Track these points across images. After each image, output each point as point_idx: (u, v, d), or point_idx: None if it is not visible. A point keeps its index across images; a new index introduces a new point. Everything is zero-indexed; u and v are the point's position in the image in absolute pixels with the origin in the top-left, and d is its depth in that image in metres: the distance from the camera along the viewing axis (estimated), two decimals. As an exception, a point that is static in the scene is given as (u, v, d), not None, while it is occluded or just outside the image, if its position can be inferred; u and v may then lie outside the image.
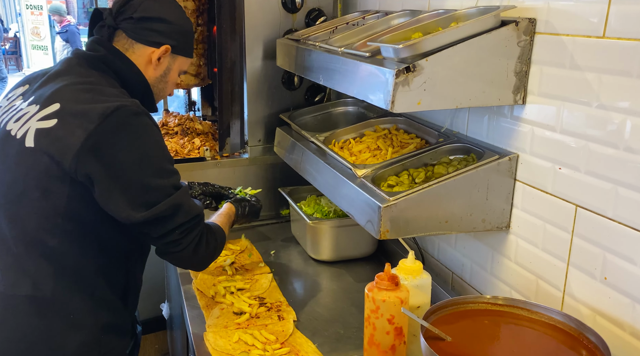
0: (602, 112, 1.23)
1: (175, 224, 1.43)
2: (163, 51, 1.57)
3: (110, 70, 1.52)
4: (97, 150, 1.33)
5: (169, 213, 1.41)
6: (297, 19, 2.40)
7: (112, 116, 1.34)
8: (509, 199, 1.53)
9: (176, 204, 1.41)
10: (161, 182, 1.40)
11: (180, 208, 1.43)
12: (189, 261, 1.54)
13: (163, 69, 1.61)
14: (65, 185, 1.35)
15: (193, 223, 1.47)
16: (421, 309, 1.44)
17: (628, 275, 1.21)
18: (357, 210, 1.56)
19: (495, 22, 1.38)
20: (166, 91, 1.68)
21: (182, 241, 1.46)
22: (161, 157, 1.43)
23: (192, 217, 1.46)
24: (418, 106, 1.35)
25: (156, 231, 1.43)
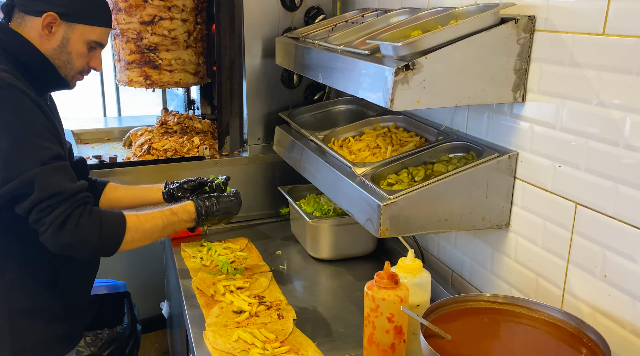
0: (602, 109, 1.22)
1: (32, 202, 1.36)
2: (48, 19, 1.50)
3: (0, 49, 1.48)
4: None
5: (23, 192, 1.36)
6: (296, 17, 2.40)
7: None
8: (509, 197, 1.53)
9: (29, 180, 1.35)
10: (19, 156, 1.35)
11: (33, 184, 1.35)
12: (56, 243, 1.41)
13: (59, 39, 1.53)
14: None
15: (55, 201, 1.37)
16: (421, 307, 1.44)
17: (628, 273, 1.21)
18: (357, 209, 1.56)
19: (494, 19, 1.38)
20: (75, 64, 1.58)
21: (45, 220, 1.38)
22: (23, 130, 1.36)
23: (50, 194, 1.37)
24: (417, 104, 1.34)
25: (17, 208, 1.39)
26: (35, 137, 1.38)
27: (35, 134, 1.38)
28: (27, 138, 1.36)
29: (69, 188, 1.39)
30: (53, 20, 1.50)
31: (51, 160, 1.39)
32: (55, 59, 1.54)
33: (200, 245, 2.24)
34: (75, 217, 1.40)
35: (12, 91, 1.37)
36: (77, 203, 1.41)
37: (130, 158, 2.58)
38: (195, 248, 2.21)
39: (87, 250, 1.46)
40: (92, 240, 1.44)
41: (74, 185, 1.41)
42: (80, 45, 1.56)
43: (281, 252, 2.24)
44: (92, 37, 1.57)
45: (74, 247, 1.43)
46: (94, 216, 1.44)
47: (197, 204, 1.72)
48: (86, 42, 1.57)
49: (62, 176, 1.40)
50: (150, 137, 2.68)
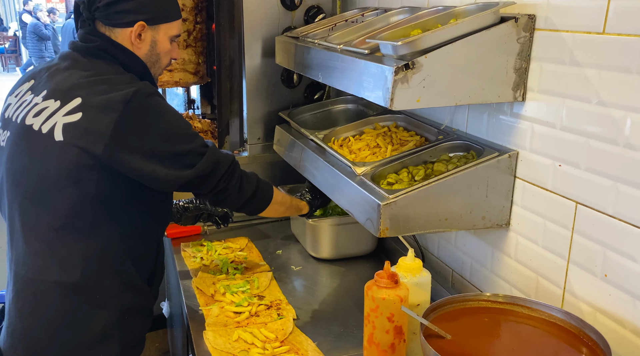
0: (602, 108, 1.22)
1: (218, 176, 1.58)
2: (139, 28, 1.57)
3: (111, 57, 1.57)
4: (126, 136, 1.42)
5: (210, 169, 1.55)
6: (296, 16, 2.39)
7: (132, 101, 1.42)
8: (509, 196, 1.52)
9: (213, 159, 1.55)
10: (191, 145, 1.52)
11: (218, 162, 1.57)
12: (238, 201, 1.68)
13: (149, 44, 1.62)
14: (95, 173, 1.43)
15: (231, 170, 1.62)
16: (421, 307, 1.44)
17: (628, 272, 1.20)
18: (357, 208, 1.56)
19: (494, 18, 1.38)
20: (162, 62, 1.70)
21: (227, 187, 1.62)
22: (182, 125, 1.53)
23: (229, 164, 1.61)
24: (417, 103, 1.34)
25: (204, 187, 1.58)
26: (189, 128, 1.55)
27: (188, 126, 1.55)
28: (187, 130, 1.53)
29: (233, 157, 1.65)
30: (142, 28, 1.58)
31: (206, 142, 1.58)
32: (147, 62, 1.64)
33: (200, 244, 2.24)
34: (246, 178, 1.69)
35: (157, 97, 1.51)
36: (239, 170, 1.67)
37: (130, 158, 2.58)
38: (195, 248, 2.21)
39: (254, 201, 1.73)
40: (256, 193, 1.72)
41: (231, 155, 1.65)
42: (166, 44, 1.66)
43: (281, 251, 2.24)
44: (172, 32, 1.67)
45: (250, 200, 1.71)
46: (251, 175, 1.73)
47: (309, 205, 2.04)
48: (169, 39, 1.67)
49: (219, 150, 1.62)
50: (150, 136, 2.67)
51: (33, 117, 1.49)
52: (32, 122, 1.48)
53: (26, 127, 1.49)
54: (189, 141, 1.52)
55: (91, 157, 1.41)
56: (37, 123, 1.47)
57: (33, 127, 1.48)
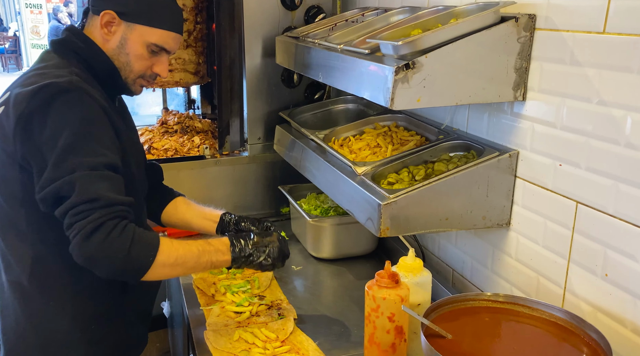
0: (603, 108, 1.22)
1: (68, 205, 1.29)
2: (107, 18, 1.47)
3: (72, 52, 1.48)
4: (28, 131, 1.32)
5: (64, 193, 1.29)
6: (296, 16, 2.39)
7: (38, 94, 1.32)
8: (510, 196, 1.52)
9: (72, 182, 1.28)
10: (72, 158, 1.30)
11: (74, 187, 1.28)
12: (79, 253, 1.29)
13: (118, 39, 1.49)
14: (16, 171, 1.36)
15: (90, 207, 1.28)
16: (422, 307, 1.44)
17: (629, 272, 1.20)
18: (357, 208, 1.56)
19: (494, 18, 1.38)
20: (134, 67, 1.53)
21: (75, 225, 1.28)
22: (83, 133, 1.32)
23: (87, 199, 1.28)
24: (418, 103, 1.34)
25: (56, 211, 1.31)
26: (93, 142, 1.33)
27: (95, 139, 1.34)
28: (84, 141, 1.32)
29: (108, 197, 1.30)
30: (112, 19, 1.48)
31: (102, 167, 1.32)
32: (115, 60, 1.51)
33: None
34: (107, 228, 1.29)
35: (80, 94, 1.34)
36: (112, 215, 1.30)
37: (131, 158, 2.58)
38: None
39: (111, 267, 1.32)
40: (119, 257, 1.30)
41: (116, 196, 1.32)
42: (138, 47, 1.50)
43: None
44: (151, 39, 1.50)
45: (98, 262, 1.31)
46: (127, 232, 1.31)
47: (233, 243, 1.53)
48: (145, 44, 1.50)
49: (107, 185, 1.32)
50: (151, 136, 2.68)
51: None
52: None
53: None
54: (76, 153, 1.30)
55: (8, 154, 1.36)
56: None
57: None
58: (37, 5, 13.16)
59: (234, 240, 1.52)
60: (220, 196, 2.49)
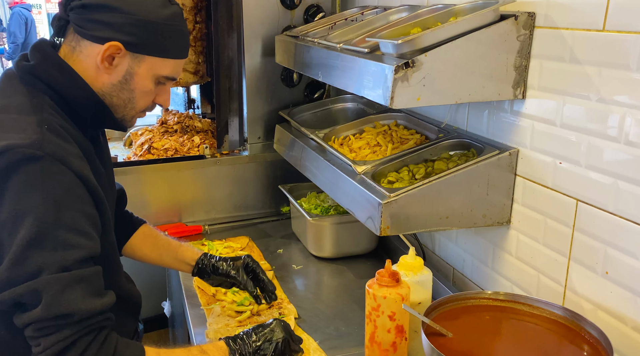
0: (602, 105, 1.22)
1: (32, 318, 1.06)
2: (112, 50, 1.20)
3: (43, 85, 1.20)
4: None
5: (26, 300, 1.06)
6: (295, 15, 2.39)
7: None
8: (510, 194, 1.52)
9: (36, 291, 1.04)
10: (36, 254, 1.05)
11: (40, 297, 1.05)
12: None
13: (121, 74, 1.24)
14: None
15: (60, 323, 1.07)
16: (422, 305, 1.44)
17: (629, 269, 1.20)
18: (358, 207, 1.56)
19: (494, 16, 1.38)
20: (137, 104, 1.29)
21: (41, 341, 1.07)
22: (52, 219, 1.06)
23: (56, 314, 1.05)
24: (417, 102, 1.34)
25: (15, 318, 1.09)
26: (64, 229, 1.08)
27: (66, 226, 1.08)
28: (53, 230, 1.06)
29: (83, 310, 1.08)
30: (117, 51, 1.21)
31: (76, 264, 1.08)
32: (113, 97, 1.26)
33: (201, 244, 2.24)
34: (81, 347, 1.08)
35: (50, 164, 1.07)
36: (88, 329, 1.09)
37: (131, 158, 2.58)
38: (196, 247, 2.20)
39: None
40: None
41: (92, 306, 1.10)
42: (147, 82, 1.26)
43: (282, 250, 2.24)
44: (163, 71, 1.27)
45: None
46: (105, 349, 1.11)
47: (228, 344, 1.32)
48: (155, 78, 1.27)
49: (81, 291, 1.08)
50: (151, 136, 2.68)
51: None
52: None
53: None
54: (43, 246, 1.05)
55: None
56: None
57: None
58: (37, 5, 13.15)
59: (231, 344, 1.32)
60: (221, 195, 2.49)
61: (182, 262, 1.70)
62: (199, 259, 1.69)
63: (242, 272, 1.64)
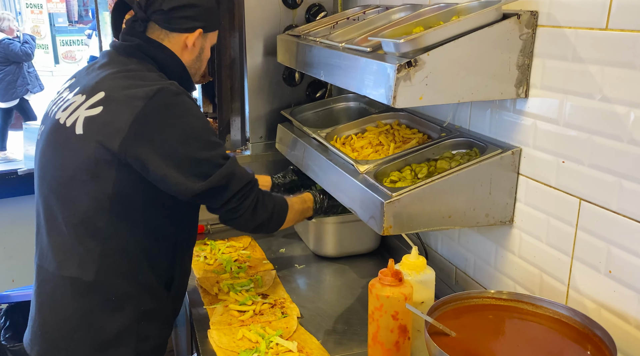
0: (606, 104, 1.22)
1: (232, 192, 1.51)
2: (197, 35, 1.60)
3: (147, 57, 1.56)
4: (145, 133, 1.38)
5: (224, 183, 1.48)
6: (297, 14, 2.39)
7: (154, 98, 1.40)
8: (512, 193, 1.52)
9: (229, 173, 1.49)
10: (210, 154, 1.47)
11: (233, 176, 1.50)
12: (250, 224, 1.60)
13: (198, 51, 1.64)
14: (113, 169, 1.40)
15: (247, 189, 1.54)
16: (425, 304, 1.44)
17: (633, 268, 1.20)
18: (360, 206, 1.55)
19: (496, 15, 1.37)
20: (202, 68, 1.71)
21: (240, 207, 1.54)
22: (205, 130, 1.48)
23: (245, 183, 1.53)
24: (420, 101, 1.34)
25: (216, 201, 1.52)
26: (213, 135, 1.50)
27: (213, 133, 1.51)
28: (210, 137, 1.48)
29: (253, 177, 1.57)
30: (199, 35, 1.61)
31: (226, 154, 1.52)
32: (191, 68, 1.64)
33: (203, 243, 2.24)
34: (262, 201, 1.60)
35: (185, 98, 1.46)
36: (256, 189, 1.59)
37: (133, 158, 2.58)
38: (198, 247, 2.21)
39: (268, 226, 1.65)
40: (276, 218, 1.66)
41: (252, 175, 1.58)
42: (208, 52, 1.69)
43: (285, 250, 2.24)
44: (214, 40, 1.70)
45: (263, 225, 1.63)
46: (267, 199, 1.63)
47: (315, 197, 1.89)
48: (211, 47, 1.70)
49: (240, 166, 1.55)
50: (153, 136, 2.68)
51: (62, 111, 1.50)
52: (59, 116, 1.49)
53: (55, 121, 1.50)
54: (209, 149, 1.47)
55: (108, 152, 1.39)
56: (63, 117, 1.48)
57: (60, 121, 1.48)
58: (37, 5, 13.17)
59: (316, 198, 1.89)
60: (223, 195, 2.49)
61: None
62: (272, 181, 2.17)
63: None
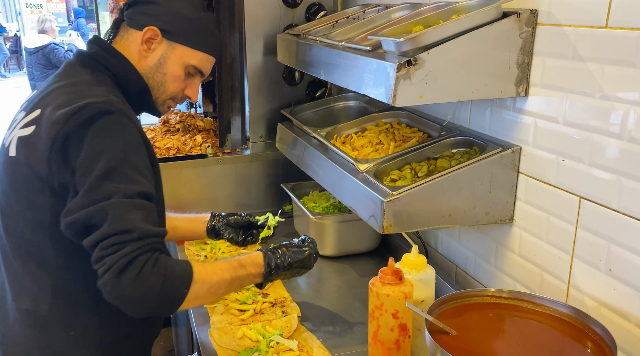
0: (605, 102, 1.22)
1: (99, 235, 1.19)
2: (150, 34, 1.44)
3: (102, 67, 1.43)
4: (64, 154, 1.23)
5: (95, 221, 1.20)
6: (297, 13, 2.39)
7: (76, 115, 1.23)
8: (512, 192, 1.52)
9: (104, 210, 1.19)
10: (107, 185, 1.21)
11: (107, 215, 1.19)
12: (111, 289, 1.19)
13: (157, 58, 1.46)
14: (47, 196, 1.26)
15: (123, 239, 1.19)
16: (425, 303, 1.44)
17: (633, 266, 1.20)
18: (360, 205, 1.56)
19: (496, 13, 1.38)
20: (167, 86, 1.49)
21: (106, 259, 1.18)
22: (121, 159, 1.24)
23: (120, 230, 1.19)
24: (420, 100, 1.34)
25: (85, 241, 1.22)
26: (130, 168, 1.25)
27: (132, 166, 1.25)
28: (121, 167, 1.24)
29: (142, 229, 1.21)
30: (154, 35, 1.44)
31: (137, 195, 1.24)
32: (149, 79, 1.48)
33: (204, 243, 2.24)
34: (140, 264, 1.19)
35: (119, 117, 1.28)
36: (145, 248, 1.21)
37: (133, 157, 2.58)
38: (199, 246, 2.21)
39: (144, 307, 1.22)
40: (152, 294, 1.21)
41: (150, 227, 1.23)
42: (177, 67, 1.48)
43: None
44: (192, 61, 1.49)
45: (131, 301, 1.21)
46: (159, 266, 1.22)
47: (266, 257, 1.49)
48: (184, 66, 1.49)
49: (141, 215, 1.23)
50: (153, 135, 2.68)
51: (8, 129, 1.40)
52: (5, 134, 1.39)
53: (2, 142, 1.40)
54: (112, 179, 1.22)
55: (38, 178, 1.26)
56: (5, 137, 1.38)
57: (4, 141, 1.38)
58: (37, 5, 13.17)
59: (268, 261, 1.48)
60: (223, 194, 2.49)
61: (196, 222, 1.88)
62: (212, 213, 1.89)
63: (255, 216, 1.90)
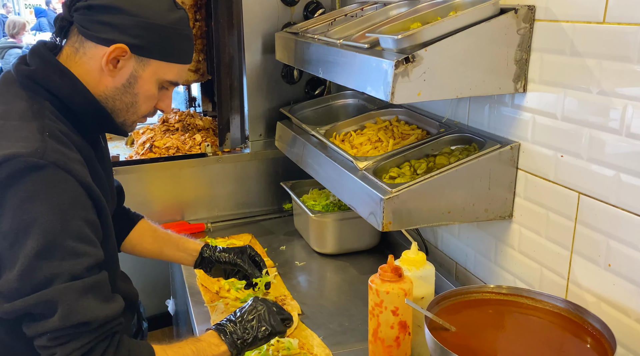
0: (604, 98, 1.22)
1: (47, 327, 1.04)
2: (117, 52, 1.17)
3: (43, 90, 1.17)
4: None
5: (39, 312, 1.05)
6: (295, 11, 2.39)
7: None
8: (512, 188, 1.52)
9: (51, 301, 1.03)
10: (46, 265, 1.03)
11: (55, 307, 1.03)
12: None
13: (125, 77, 1.21)
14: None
15: (79, 331, 1.06)
16: (425, 300, 1.44)
17: (632, 262, 1.20)
18: (360, 203, 1.56)
19: (494, 10, 1.37)
20: (139, 108, 1.27)
21: (57, 350, 1.06)
22: (58, 231, 1.04)
23: (75, 323, 1.05)
24: (418, 97, 1.34)
25: (27, 328, 1.08)
26: (71, 238, 1.06)
27: (73, 235, 1.07)
28: (60, 239, 1.05)
29: (100, 317, 1.08)
30: (122, 53, 1.18)
31: (85, 272, 1.07)
32: (115, 101, 1.23)
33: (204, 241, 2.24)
34: (98, 353, 1.08)
35: (54, 172, 1.05)
36: (104, 335, 1.10)
37: (133, 157, 2.59)
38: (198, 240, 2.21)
39: None
40: None
41: (106, 311, 1.10)
42: (150, 86, 1.24)
43: (285, 247, 2.24)
44: (167, 76, 1.25)
45: None
46: (121, 351, 1.12)
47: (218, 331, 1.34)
48: (159, 82, 1.26)
49: (93, 298, 1.08)
50: (152, 135, 2.68)
51: None
52: None
53: None
54: (50, 256, 1.03)
55: None
56: None
57: None
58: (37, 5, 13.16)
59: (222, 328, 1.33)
60: (223, 193, 2.49)
61: (184, 252, 1.72)
62: (202, 249, 1.72)
63: (248, 260, 1.72)
